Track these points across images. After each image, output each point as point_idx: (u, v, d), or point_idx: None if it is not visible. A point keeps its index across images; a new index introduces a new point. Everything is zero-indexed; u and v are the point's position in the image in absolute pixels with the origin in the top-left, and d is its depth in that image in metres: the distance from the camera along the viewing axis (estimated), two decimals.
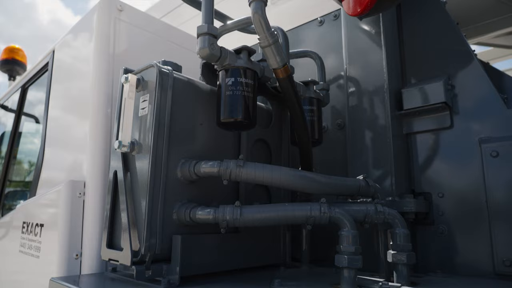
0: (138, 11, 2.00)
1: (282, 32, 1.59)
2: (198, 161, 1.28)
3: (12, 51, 3.50)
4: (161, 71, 1.30)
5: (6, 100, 3.09)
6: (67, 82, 2.11)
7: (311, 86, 1.61)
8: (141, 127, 1.32)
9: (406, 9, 1.78)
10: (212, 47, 1.19)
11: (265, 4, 1.10)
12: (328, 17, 2.00)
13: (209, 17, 1.22)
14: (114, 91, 1.80)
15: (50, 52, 2.28)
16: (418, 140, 1.69)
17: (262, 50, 1.19)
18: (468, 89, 1.60)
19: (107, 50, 1.82)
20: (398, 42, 1.79)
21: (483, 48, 3.24)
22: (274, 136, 1.69)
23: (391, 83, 1.68)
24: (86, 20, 1.97)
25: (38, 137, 2.43)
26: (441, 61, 1.67)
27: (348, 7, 1.49)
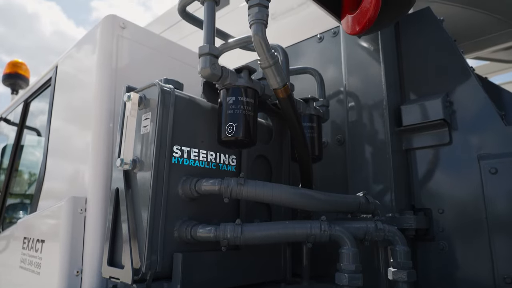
0: (140, 28, 2.03)
1: (282, 50, 1.62)
2: (199, 179, 1.29)
3: (15, 65, 3.54)
4: (163, 89, 1.32)
5: (8, 114, 3.12)
6: (69, 97, 2.13)
7: (311, 103, 1.63)
8: (143, 145, 1.33)
9: (404, 26, 1.81)
10: (213, 67, 1.21)
11: (265, 26, 1.12)
12: (327, 34, 2.03)
13: (210, 38, 1.24)
14: (116, 106, 1.82)
15: (53, 67, 2.31)
16: (418, 155, 1.70)
17: (262, 70, 1.21)
18: (466, 105, 1.62)
19: (110, 66, 1.85)
20: (397, 58, 1.81)
21: (481, 61, 3.27)
22: (275, 152, 1.70)
23: (390, 99, 1.70)
24: (89, 37, 2.00)
25: (40, 150, 2.45)
26: (439, 78, 1.70)
27: (347, 26, 1.52)
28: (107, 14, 1.91)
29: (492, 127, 1.53)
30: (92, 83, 1.85)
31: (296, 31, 2.92)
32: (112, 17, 1.89)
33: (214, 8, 1.29)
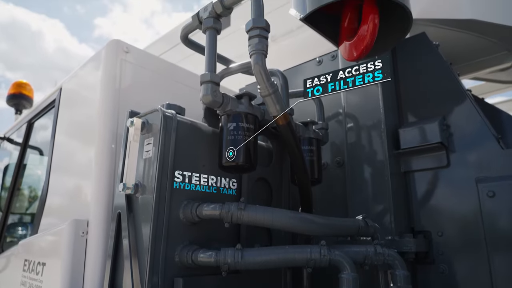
0: (143, 52, 2.08)
1: (281, 74, 1.65)
2: (200, 203, 1.30)
3: (20, 85, 3.60)
4: (165, 115, 1.35)
5: (12, 133, 3.15)
6: (73, 119, 2.17)
7: (310, 126, 1.66)
8: (145, 169, 1.36)
9: (401, 51, 1.86)
10: (214, 94, 1.25)
11: (265, 56, 1.16)
12: (326, 57, 2.07)
13: (211, 65, 1.28)
14: (119, 128, 1.85)
15: (57, 89, 2.35)
16: (417, 178, 1.72)
17: (262, 98, 1.25)
18: (463, 129, 1.64)
19: (113, 89, 1.88)
20: (394, 82, 1.85)
21: (479, 81, 3.31)
22: (275, 175, 1.72)
23: (388, 122, 1.73)
24: (93, 60, 2.05)
25: (43, 169, 2.47)
26: (436, 101, 1.73)
27: (344, 52, 1.56)
28: (111, 39, 1.96)
29: (488, 150, 1.56)
30: (95, 106, 1.88)
31: (296, 52, 2.98)
32: (116, 42, 1.94)
33: (215, 37, 1.33)
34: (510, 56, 2.39)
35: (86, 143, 1.95)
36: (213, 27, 1.31)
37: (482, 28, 2.12)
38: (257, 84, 1.21)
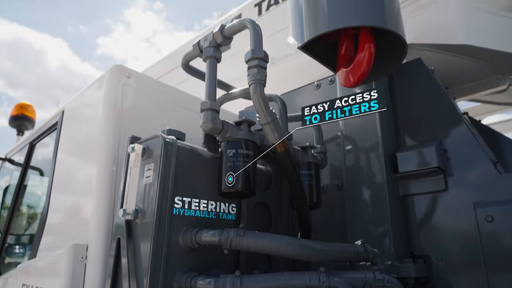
0: (145, 76, 2.13)
1: (280, 99, 1.69)
2: (199, 229, 1.31)
3: (23, 107, 3.65)
4: (166, 141, 1.38)
5: (13, 154, 3.17)
6: (74, 142, 2.19)
7: (308, 150, 1.68)
8: (145, 195, 1.37)
9: (397, 76, 1.90)
10: (214, 121, 1.27)
11: (263, 85, 1.19)
12: (324, 81, 2.11)
13: (211, 93, 1.31)
14: (120, 150, 1.87)
15: (59, 112, 2.39)
16: (416, 202, 1.73)
17: (261, 126, 1.27)
18: (460, 153, 1.66)
19: (115, 113, 1.91)
20: (391, 106, 1.88)
21: (476, 103, 3.35)
22: (274, 198, 1.73)
23: (385, 145, 1.75)
24: (96, 85, 2.09)
25: (43, 191, 2.48)
26: (433, 125, 1.76)
27: (342, 78, 1.60)
28: (114, 65, 2.00)
29: (485, 174, 1.57)
30: (97, 129, 1.91)
31: (295, 75, 3.03)
32: (119, 67, 1.98)
33: (215, 65, 1.36)
34: (505, 79, 2.44)
35: (87, 165, 1.97)
36: (213, 56, 1.35)
37: (476, 53, 2.17)
38: (256, 113, 1.24)
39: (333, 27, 1.37)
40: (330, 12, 1.39)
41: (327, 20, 1.40)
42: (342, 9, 1.39)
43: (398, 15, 1.53)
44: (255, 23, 1.26)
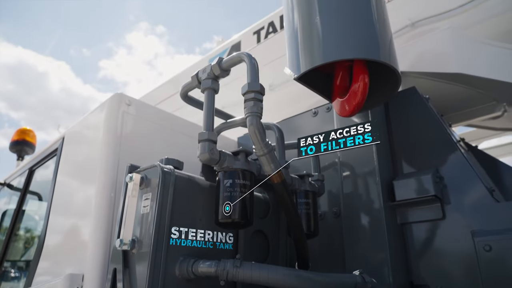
0: (145, 104, 2.16)
1: (277, 128, 1.71)
2: (196, 260, 1.31)
3: (24, 132, 3.68)
4: (164, 170, 1.39)
5: (12, 179, 3.18)
6: (74, 168, 2.21)
7: (306, 179, 1.69)
8: (142, 225, 1.37)
9: (393, 104, 1.93)
10: (211, 152, 1.29)
11: (260, 117, 1.22)
12: (321, 109, 2.14)
13: (209, 124, 1.33)
14: (119, 176, 1.88)
15: (59, 138, 2.41)
16: (414, 230, 1.73)
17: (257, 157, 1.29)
18: (456, 181, 1.67)
19: (115, 140, 1.94)
20: (388, 134, 1.91)
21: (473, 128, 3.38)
22: (272, 226, 1.73)
23: (382, 173, 1.76)
24: (96, 112, 2.12)
25: (41, 217, 2.47)
26: (429, 153, 1.77)
27: (337, 108, 1.63)
28: (115, 93, 2.04)
29: (482, 203, 1.58)
30: (96, 156, 1.93)
31: (293, 100, 3.08)
32: (119, 96, 2.02)
33: (213, 96, 1.39)
34: (499, 106, 2.48)
35: (86, 192, 1.97)
36: (211, 88, 1.38)
37: (469, 81, 2.21)
38: (253, 144, 1.26)
39: (328, 60, 1.41)
40: (325, 44, 1.44)
41: (322, 53, 1.44)
42: (336, 42, 1.43)
43: (390, 46, 1.57)
44: (251, 57, 1.30)
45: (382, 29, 1.54)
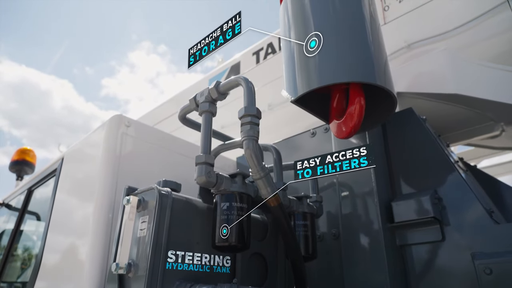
0: (144, 125, 2.18)
1: (275, 149, 1.72)
2: (192, 284, 1.29)
3: (24, 152, 3.69)
4: (161, 193, 1.39)
5: (11, 200, 3.17)
6: (72, 189, 2.21)
7: (304, 200, 1.69)
8: (138, 249, 1.36)
9: (390, 125, 1.94)
10: (208, 175, 1.29)
11: (256, 141, 1.22)
12: (319, 129, 2.15)
13: (206, 147, 1.34)
14: (117, 196, 1.88)
15: (59, 159, 2.42)
16: (414, 251, 1.71)
17: (254, 181, 1.29)
18: (455, 202, 1.66)
19: (113, 161, 1.94)
20: (386, 155, 1.91)
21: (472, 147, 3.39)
22: (270, 248, 1.71)
23: (380, 195, 1.76)
24: (96, 133, 2.13)
25: (39, 237, 2.46)
26: (427, 174, 1.77)
27: (334, 130, 1.64)
28: (114, 114, 2.06)
29: (481, 225, 1.56)
30: (95, 177, 1.93)
31: (291, 120, 3.10)
32: (119, 117, 2.04)
33: (211, 119, 1.41)
34: (497, 126, 2.49)
35: (83, 213, 1.97)
36: (209, 111, 1.40)
37: (466, 101, 2.23)
38: (249, 168, 1.26)
39: (324, 83, 1.43)
40: (321, 68, 1.46)
41: (318, 76, 1.46)
42: (332, 65, 1.45)
43: (386, 68, 1.59)
44: (248, 81, 1.32)
45: (377, 52, 1.57)
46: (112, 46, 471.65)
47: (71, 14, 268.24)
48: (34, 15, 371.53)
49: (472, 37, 2.33)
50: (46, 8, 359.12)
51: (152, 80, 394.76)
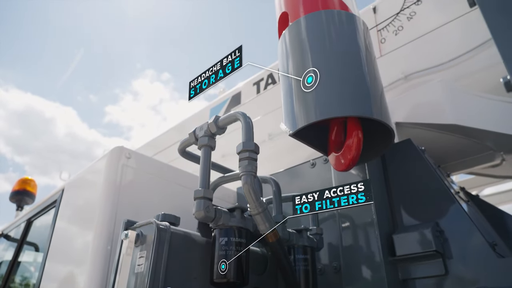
0: (144, 157, 2.19)
1: (274, 181, 1.72)
2: None
3: (25, 182, 3.70)
4: (159, 228, 1.38)
5: (10, 230, 3.15)
6: (71, 220, 2.20)
7: (304, 233, 1.67)
8: (136, 284, 1.34)
9: (389, 156, 1.94)
10: (207, 209, 1.29)
11: (254, 176, 1.23)
12: (319, 160, 2.16)
13: (205, 182, 1.34)
14: (116, 228, 1.87)
15: (59, 190, 2.43)
16: (417, 286, 1.67)
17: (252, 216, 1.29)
18: (456, 234, 1.64)
19: (113, 193, 1.95)
20: (385, 186, 1.90)
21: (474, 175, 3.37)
22: (270, 282, 1.68)
23: (381, 227, 1.74)
24: (97, 165, 2.15)
25: (37, 268, 2.43)
26: (427, 206, 1.76)
27: (333, 162, 1.64)
28: (115, 146, 2.08)
29: (484, 258, 1.53)
30: (94, 208, 1.93)
31: (292, 149, 3.12)
32: (120, 149, 2.06)
33: (210, 154, 1.42)
34: (497, 155, 2.49)
35: (83, 243, 1.95)
36: (208, 145, 1.41)
37: (465, 131, 2.24)
38: (247, 203, 1.26)
39: (322, 117, 1.45)
40: (318, 103, 1.48)
41: (315, 111, 1.48)
42: (329, 101, 1.48)
43: (382, 101, 1.61)
44: (246, 116, 1.34)
45: (373, 85, 1.60)
46: (116, 74, 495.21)
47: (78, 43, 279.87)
48: (42, 44, 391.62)
49: (468, 69, 2.38)
50: (54, 37, 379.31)
51: (155, 107, 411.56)
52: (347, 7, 1.83)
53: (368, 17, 2.96)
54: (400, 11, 2.68)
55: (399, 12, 2.69)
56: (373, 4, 2.95)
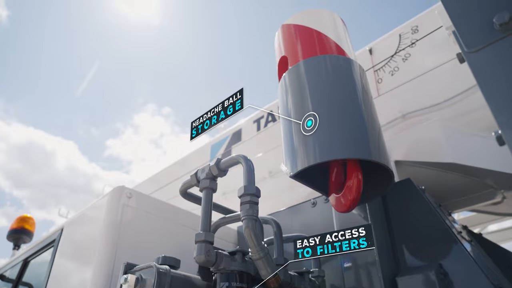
0: (145, 196, 2.20)
1: (275, 222, 1.71)
2: None
3: (23, 220, 3.66)
4: (159, 271, 1.37)
5: (5, 271, 3.09)
6: (70, 260, 2.17)
7: (306, 276, 1.65)
8: None
9: (389, 196, 1.95)
10: (208, 253, 1.28)
11: (255, 220, 1.24)
12: (320, 200, 2.16)
13: (206, 225, 1.34)
14: (115, 270, 1.84)
15: (58, 229, 2.41)
16: None
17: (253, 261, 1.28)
18: (460, 277, 1.61)
19: (113, 233, 1.93)
20: (387, 226, 1.89)
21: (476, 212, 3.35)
22: None
23: (384, 269, 1.71)
24: (97, 205, 2.15)
25: None
26: (430, 247, 1.74)
27: (334, 203, 1.65)
28: (117, 186, 2.09)
29: None
30: (95, 249, 1.91)
31: (292, 187, 3.11)
32: (121, 189, 2.07)
33: (211, 196, 1.43)
34: (498, 193, 2.49)
35: (81, 285, 1.92)
36: (209, 187, 1.43)
37: (464, 170, 2.26)
38: (249, 247, 1.26)
39: (321, 160, 1.47)
40: (317, 146, 1.51)
41: (315, 153, 1.51)
42: (328, 143, 1.50)
43: (380, 142, 1.64)
44: (247, 159, 1.36)
45: (370, 127, 1.63)
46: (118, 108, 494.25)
47: (82, 78, 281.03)
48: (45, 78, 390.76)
49: (464, 108, 2.43)
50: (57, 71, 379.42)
51: (156, 140, 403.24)
52: (344, 51, 1.91)
53: (364, 58, 3.06)
54: (395, 53, 2.78)
55: (394, 54, 2.78)
56: (369, 46, 3.06)
